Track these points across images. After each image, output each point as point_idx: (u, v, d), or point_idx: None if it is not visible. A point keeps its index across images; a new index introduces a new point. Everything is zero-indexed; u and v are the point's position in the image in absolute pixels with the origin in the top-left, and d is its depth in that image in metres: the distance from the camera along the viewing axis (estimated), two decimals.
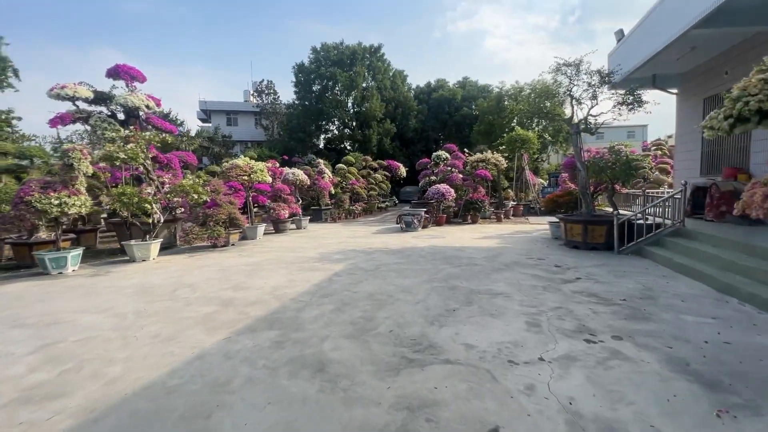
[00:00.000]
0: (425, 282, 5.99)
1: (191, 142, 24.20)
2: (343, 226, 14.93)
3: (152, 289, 5.89)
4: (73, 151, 7.32)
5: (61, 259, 7.31)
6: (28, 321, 4.59)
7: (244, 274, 6.79)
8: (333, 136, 34.49)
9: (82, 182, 7.58)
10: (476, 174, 15.95)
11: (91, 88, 9.09)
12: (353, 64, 30.86)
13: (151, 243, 8.45)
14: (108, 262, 8.43)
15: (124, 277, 6.86)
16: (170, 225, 10.19)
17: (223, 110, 38.65)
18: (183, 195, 9.25)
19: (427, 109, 34.34)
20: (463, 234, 11.80)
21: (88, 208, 7.65)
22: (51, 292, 5.86)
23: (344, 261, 7.79)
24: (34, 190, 6.98)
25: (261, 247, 10.00)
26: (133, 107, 9.13)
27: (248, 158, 11.75)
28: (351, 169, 20.76)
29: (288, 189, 13.70)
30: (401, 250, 9.09)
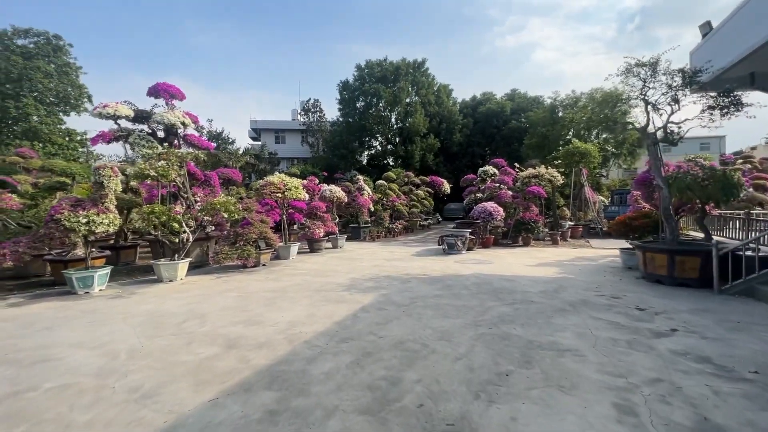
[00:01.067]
0: (469, 326, 4.88)
1: (238, 160, 24.89)
2: (381, 246, 14.07)
3: (162, 320, 5.34)
4: (103, 168, 7.20)
5: (88, 279, 7.12)
6: (18, 355, 4.15)
7: (263, 304, 6.09)
8: (376, 152, 34.23)
9: (112, 200, 7.43)
10: (528, 191, 14.46)
11: (132, 107, 9.17)
12: (397, 80, 30.57)
13: (179, 263, 8.12)
14: (137, 281, 8.21)
15: (141, 300, 6.45)
16: (203, 243, 9.94)
17: (272, 129, 40.10)
18: (215, 213, 8.94)
19: (473, 123, 33.06)
20: (513, 259, 10.42)
21: (116, 226, 7.46)
22: (61, 318, 5.52)
23: (375, 291, 6.87)
24: (65, 208, 6.87)
25: (291, 269, 9.39)
26: (170, 124, 9.08)
27: (284, 175, 11.37)
28: (392, 186, 20.02)
29: (324, 206, 13.17)
30: (442, 278, 7.99)
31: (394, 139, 32.90)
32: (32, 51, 20.15)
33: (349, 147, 30.70)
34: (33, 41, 20.83)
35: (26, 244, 6.63)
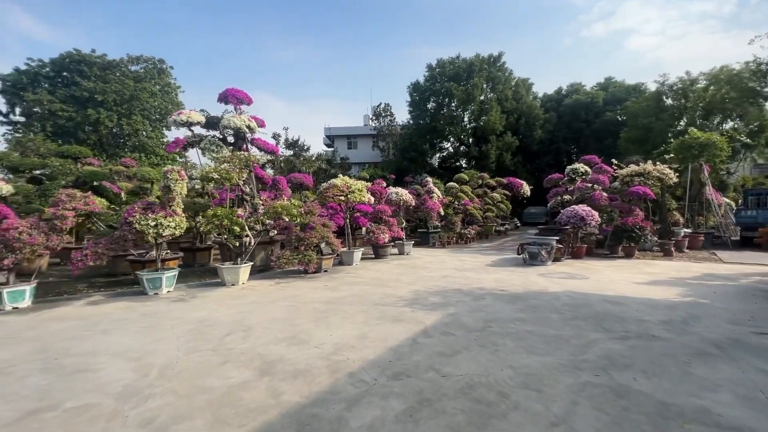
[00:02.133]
0: (565, 368, 3.64)
1: (311, 165, 25.62)
2: (451, 254, 12.90)
3: (207, 330, 5.00)
4: (171, 172, 7.33)
5: (157, 280, 7.27)
6: (65, 361, 4.02)
7: (313, 317, 5.47)
8: (447, 154, 32.92)
9: (179, 203, 7.54)
10: (630, 192, 12.10)
11: (204, 114, 9.45)
12: (470, 77, 28.96)
13: (241, 267, 8.00)
14: (204, 283, 8.29)
15: (198, 306, 6.30)
16: (267, 247, 9.86)
17: (344, 135, 41.05)
18: (277, 216, 8.74)
19: (557, 118, 29.94)
20: (615, 274, 8.53)
21: (182, 229, 7.55)
22: (122, 321, 5.51)
23: (441, 308, 5.85)
24: (137, 211, 7.09)
25: (351, 277, 8.78)
26: (236, 128, 9.17)
27: (347, 177, 10.92)
28: (464, 188, 18.64)
29: (389, 210, 12.46)
30: (523, 295, 6.66)
31: (467, 139, 31.24)
32: (141, 75, 23.18)
33: (419, 149, 29.85)
34: (143, 66, 23.96)
35: (105, 245, 6.95)
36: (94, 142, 20.96)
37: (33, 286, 6.65)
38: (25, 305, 6.50)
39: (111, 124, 20.92)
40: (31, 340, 4.73)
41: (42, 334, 4.93)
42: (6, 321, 5.65)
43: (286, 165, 27.27)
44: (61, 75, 21.43)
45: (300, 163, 26.48)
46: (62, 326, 5.28)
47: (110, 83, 21.29)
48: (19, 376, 3.70)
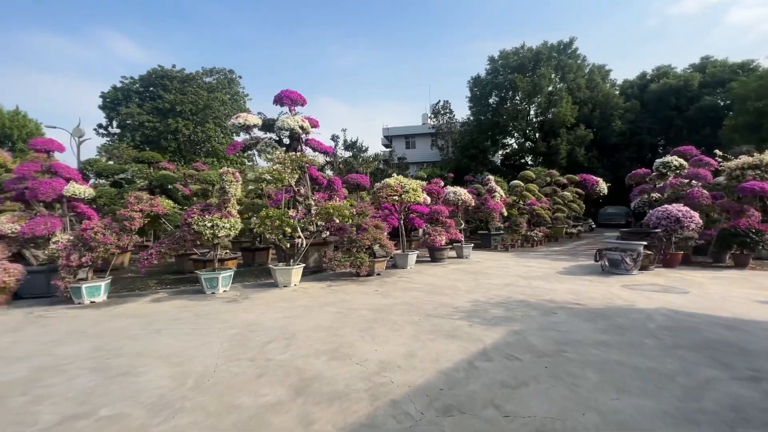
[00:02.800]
0: (675, 421, 2.76)
1: (368, 165, 25.61)
2: (515, 258, 11.80)
3: (251, 336, 4.82)
4: (226, 174, 7.44)
5: (213, 280, 7.42)
6: (114, 362, 4.05)
7: (360, 327, 5.05)
8: (511, 150, 31.00)
9: (234, 205, 7.65)
10: (742, 188, 10.04)
11: (261, 116, 9.61)
12: (537, 67, 26.89)
13: (292, 269, 7.91)
14: (258, 284, 8.35)
15: (248, 308, 6.24)
16: (320, 248, 9.75)
17: (402, 134, 40.73)
18: (329, 218, 8.55)
19: (641, 107, 26.60)
20: (726, 289, 6.98)
21: (237, 230, 7.64)
22: (175, 321, 5.59)
23: (505, 324, 5.09)
24: (195, 212, 7.30)
25: (405, 281, 8.27)
26: (289, 129, 9.17)
27: (401, 177, 10.44)
28: (530, 186, 17.18)
29: (447, 211, 11.73)
30: (605, 311, 5.62)
31: (533, 134, 29.11)
32: (214, 85, 25.07)
33: (480, 146, 28.41)
34: (215, 78, 25.91)
35: (167, 245, 7.25)
36: (174, 148, 23.10)
37: (107, 282, 7.13)
38: (100, 300, 6.98)
39: (188, 132, 22.82)
40: (93, 336, 4.93)
41: (104, 331, 5.13)
42: (81, 315, 6.05)
43: (345, 166, 27.65)
44: (148, 90, 23.92)
45: (358, 164, 26.64)
46: (123, 324, 5.48)
47: (187, 95, 23.25)
48: (71, 374, 3.76)
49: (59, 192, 7.57)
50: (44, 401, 3.24)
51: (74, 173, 8.28)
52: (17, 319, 5.84)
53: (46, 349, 4.47)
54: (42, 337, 4.93)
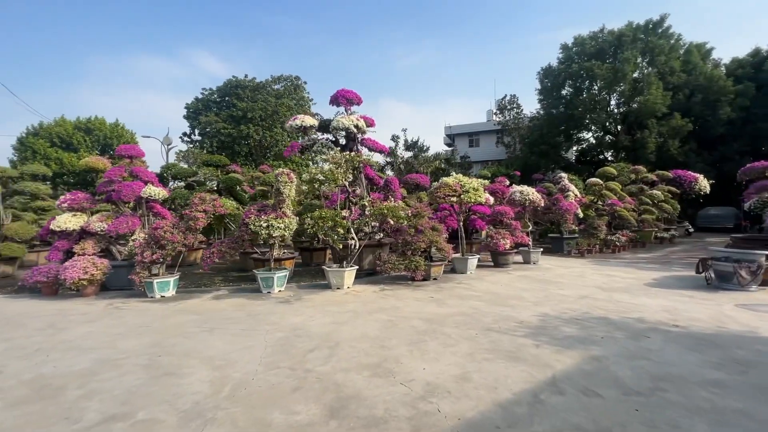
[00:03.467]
0: None
1: (429, 165, 25.00)
2: (593, 265, 10.44)
3: (295, 342, 4.64)
4: (281, 175, 7.48)
5: (269, 280, 7.51)
6: (164, 360, 4.10)
7: (409, 340, 4.61)
8: (587, 146, 28.20)
9: (289, 205, 7.67)
10: None
11: (317, 117, 9.63)
12: (619, 51, 24.05)
13: (345, 271, 7.72)
14: (313, 284, 8.32)
15: (298, 310, 6.14)
16: (375, 250, 9.48)
17: (465, 133, 39.34)
18: (383, 219, 8.25)
19: (755, 90, 22.43)
20: None
21: (292, 231, 7.65)
22: (228, 320, 5.65)
23: (580, 347, 4.29)
24: (252, 213, 7.44)
25: (463, 288, 7.64)
26: (344, 128, 9.03)
27: (461, 175, 9.78)
28: (611, 185, 15.27)
29: (512, 212, 10.77)
30: (716, 338, 4.50)
31: (614, 126, 26.14)
32: (281, 92, 26.43)
33: (551, 142, 26.18)
34: (283, 84, 27.31)
35: (227, 244, 7.50)
36: (246, 152, 24.76)
37: (176, 278, 7.58)
38: (169, 294, 7.43)
39: (258, 137, 24.25)
40: (154, 332, 5.14)
41: (164, 327, 5.34)
42: (149, 309, 6.44)
43: (405, 167, 27.35)
44: (224, 99, 25.95)
45: (418, 164, 26.17)
46: (182, 320, 5.68)
47: (257, 102, 24.72)
48: (125, 370, 3.87)
49: (138, 193, 8.26)
50: (94, 397, 3.31)
51: (151, 176, 9.01)
52: (98, 310, 6.39)
53: (111, 342, 4.72)
54: (112, 329, 5.26)
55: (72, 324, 5.56)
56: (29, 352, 4.45)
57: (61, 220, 8.08)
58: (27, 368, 3.96)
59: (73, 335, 5.03)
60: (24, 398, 3.32)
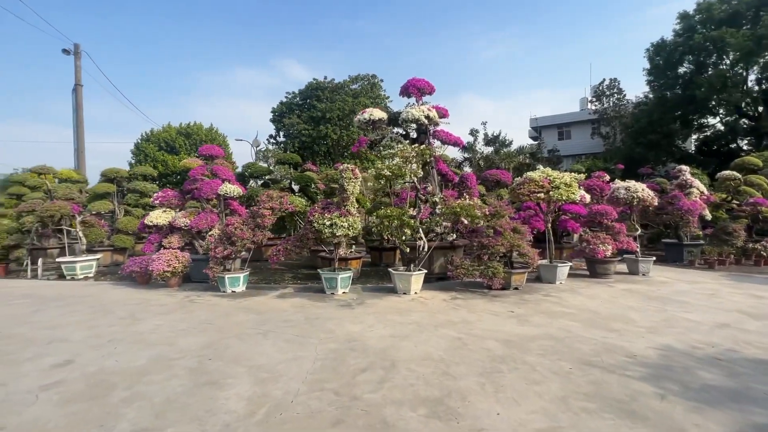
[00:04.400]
0: None
1: (511, 160, 23.02)
2: (728, 281, 8.20)
3: (347, 357, 4.11)
4: (345, 171, 7.08)
5: (332, 280, 7.19)
6: (212, 365, 3.89)
7: (482, 368, 3.76)
8: (713, 133, 23.35)
9: (353, 203, 7.25)
10: None
11: (388, 110, 9.09)
12: (763, 12, 19.25)
13: (412, 275, 7.06)
14: (378, 288, 7.82)
15: (357, 317, 5.64)
16: (447, 252, 8.62)
17: (554, 124, 35.75)
18: (456, 218, 7.40)
19: None
20: None
21: (356, 230, 7.21)
22: (285, 323, 5.38)
23: (731, 406, 3.01)
24: (317, 210, 7.19)
25: (551, 303, 6.42)
26: (415, 120, 8.31)
27: (548, 169, 8.41)
28: (753, 179, 12.12)
29: (614, 212, 9.00)
30: None
31: (752, 108, 21.14)
32: (358, 91, 26.69)
33: (663, 130, 22.11)
34: (360, 84, 27.59)
35: (293, 242, 7.37)
36: (324, 152, 25.50)
37: (245, 274, 7.69)
38: (239, 290, 7.55)
39: (335, 137, 24.76)
40: (214, 330, 5.07)
41: (224, 325, 5.25)
42: (218, 304, 6.54)
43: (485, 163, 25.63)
44: (306, 102, 27.08)
45: (499, 159, 24.30)
46: (243, 319, 5.57)
47: (335, 102, 25.24)
48: (172, 372, 3.72)
49: (216, 191, 8.63)
50: (135, 402, 3.15)
51: (229, 175, 9.39)
52: (175, 302, 6.67)
53: (173, 339, 4.72)
54: (179, 324, 5.33)
55: (148, 315, 5.81)
56: (103, 341, 4.63)
57: (153, 215, 8.79)
58: (94, 360, 4.06)
59: (144, 327, 5.19)
60: (77, 395, 3.30)
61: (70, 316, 5.80)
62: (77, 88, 18.85)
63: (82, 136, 18.80)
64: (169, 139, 20.77)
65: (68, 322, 5.51)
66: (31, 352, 4.30)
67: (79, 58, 19.00)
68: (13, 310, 6.23)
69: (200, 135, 21.72)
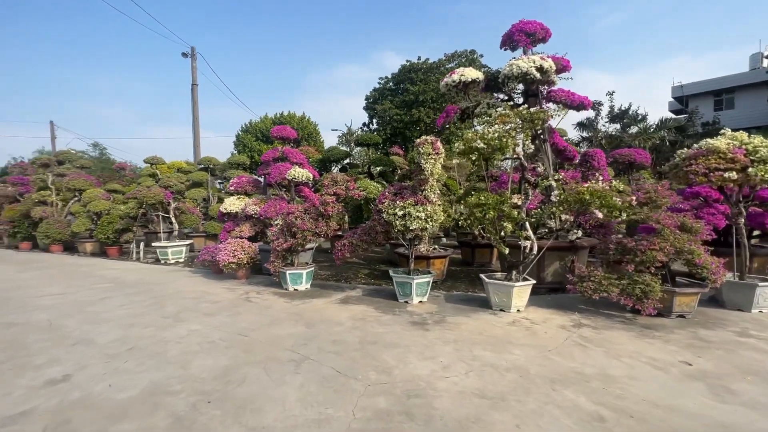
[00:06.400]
0: None
1: (647, 138, 18.23)
2: None
3: (404, 427, 2.52)
4: (422, 145, 5.38)
5: (406, 286, 5.66)
6: (200, 417, 2.71)
7: None
8: None
9: (433, 187, 5.52)
10: None
11: (485, 70, 7.06)
12: None
13: (514, 286, 5.08)
14: (466, 298, 6.02)
15: (430, 346, 3.98)
16: (564, 255, 6.32)
17: (709, 91, 27.96)
18: (581, 208, 5.14)
19: None
20: None
21: (438, 222, 5.49)
22: (333, 344, 4.01)
23: None
24: (387, 197, 5.68)
25: (756, 351, 3.81)
26: (520, 75, 6.10)
27: (742, 134, 5.41)
28: None
29: None
30: None
31: None
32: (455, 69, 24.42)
33: None
34: (457, 62, 25.22)
35: (359, 236, 6.01)
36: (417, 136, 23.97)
37: (309, 270, 6.64)
38: (302, 288, 6.55)
39: (428, 120, 23.00)
40: (242, 347, 3.98)
41: (258, 342, 4.14)
42: (272, 306, 5.57)
43: (609, 143, 20.96)
44: (398, 86, 25.79)
45: (630, 138, 19.55)
46: (285, 333, 4.41)
47: (429, 83, 23.41)
48: (149, 423, 2.63)
49: (284, 176, 7.79)
50: None
51: (301, 158, 8.51)
52: (229, 299, 5.93)
53: (191, 357, 3.75)
54: (212, 333, 4.41)
55: (192, 316, 5.08)
56: (122, 350, 3.89)
57: (227, 202, 8.40)
58: (89, 380, 3.26)
59: (176, 334, 4.38)
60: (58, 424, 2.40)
61: (123, 309, 5.41)
62: (193, 88, 20.73)
63: (197, 130, 20.69)
64: (265, 129, 21.67)
65: (116, 316, 5.06)
66: (45, 357, 3.73)
67: (194, 60, 20.87)
68: (85, 296, 6.20)
69: (292, 123, 22.19)
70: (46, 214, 11.70)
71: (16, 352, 3.84)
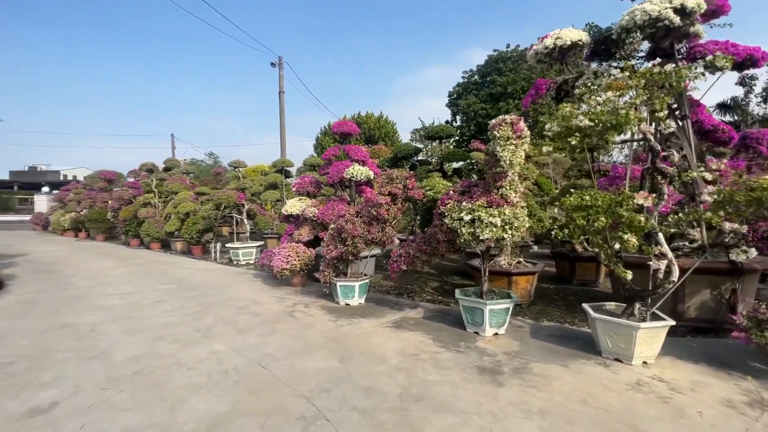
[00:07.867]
0: None
1: None
2: None
3: None
4: (499, 127, 3.99)
5: (477, 313, 4.35)
6: None
7: None
8: None
9: (514, 183, 4.08)
10: None
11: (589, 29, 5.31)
12: None
13: (639, 328, 3.42)
14: (561, 334, 4.44)
15: (503, 412, 2.65)
16: (718, 283, 4.28)
17: None
18: (752, 208, 3.26)
19: None
20: None
21: (520, 230, 4.05)
22: (365, 392, 2.95)
23: None
24: (452, 197, 4.43)
25: None
26: (646, 22, 4.24)
27: None
28: None
29: None
30: None
31: None
32: None
33: None
34: None
35: (417, 245, 4.86)
36: None
37: (363, 282, 5.70)
38: (355, 303, 5.67)
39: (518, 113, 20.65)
40: (251, 385, 3.17)
41: (274, 379, 3.29)
42: (313, 325, 4.76)
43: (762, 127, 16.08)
44: (484, 79, 23.77)
45: None
46: (313, 367, 3.50)
47: (519, 72, 21.06)
48: None
49: (342, 174, 7.00)
50: None
51: (363, 155, 7.68)
52: (272, 313, 5.30)
53: (191, 393, 3.06)
54: (233, 359, 3.72)
55: (224, 332, 4.51)
56: (128, 373, 3.40)
57: (289, 204, 7.98)
58: (69, 414, 2.74)
59: (195, 356, 3.79)
60: None
61: (166, 316, 5.13)
62: (280, 95, 21.74)
63: (284, 135, 21.65)
64: None
65: (153, 325, 4.76)
66: (54, 373, 3.39)
67: (281, 69, 21.89)
68: (145, 297, 6.19)
69: (369, 123, 21.84)
70: (149, 214, 12.96)
71: (34, 363, 3.61)
